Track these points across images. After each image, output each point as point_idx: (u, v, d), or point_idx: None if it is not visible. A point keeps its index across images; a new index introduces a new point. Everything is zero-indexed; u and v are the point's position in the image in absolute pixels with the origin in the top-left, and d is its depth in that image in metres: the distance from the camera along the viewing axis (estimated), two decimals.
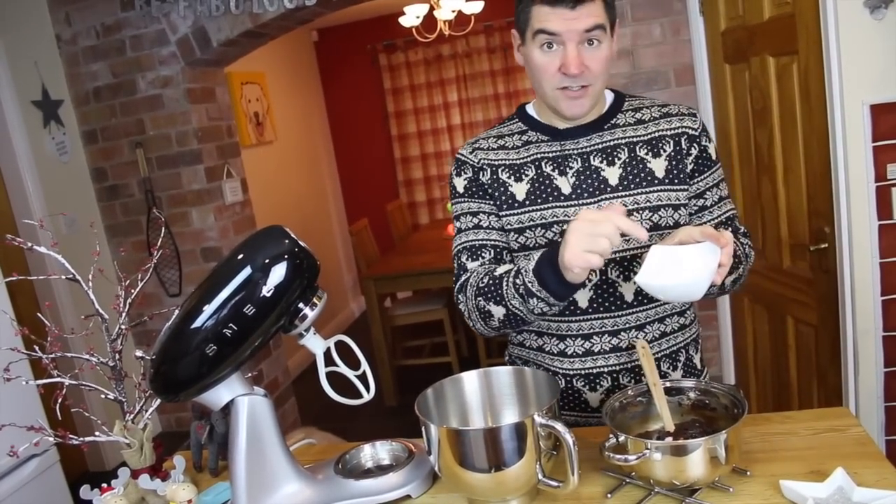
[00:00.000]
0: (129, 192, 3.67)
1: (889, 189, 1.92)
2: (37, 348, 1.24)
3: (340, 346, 1.21)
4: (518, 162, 1.35)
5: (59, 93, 3.58)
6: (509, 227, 1.35)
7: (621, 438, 1.04)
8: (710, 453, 1.00)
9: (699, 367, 1.44)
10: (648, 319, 1.34)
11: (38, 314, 1.41)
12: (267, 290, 1.08)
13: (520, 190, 1.34)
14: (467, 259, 1.35)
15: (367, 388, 1.19)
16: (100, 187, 3.72)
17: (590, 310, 1.33)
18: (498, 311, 1.25)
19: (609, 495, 1.07)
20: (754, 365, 2.71)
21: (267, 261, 1.09)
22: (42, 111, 3.48)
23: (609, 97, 1.38)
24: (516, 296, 1.20)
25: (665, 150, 1.32)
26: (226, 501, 1.21)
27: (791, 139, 2.18)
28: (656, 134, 1.33)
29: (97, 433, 1.25)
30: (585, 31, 1.21)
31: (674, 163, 1.32)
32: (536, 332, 1.40)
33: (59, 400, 1.24)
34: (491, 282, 1.25)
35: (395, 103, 6.16)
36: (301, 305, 1.13)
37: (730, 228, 1.36)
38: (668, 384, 1.17)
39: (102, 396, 1.28)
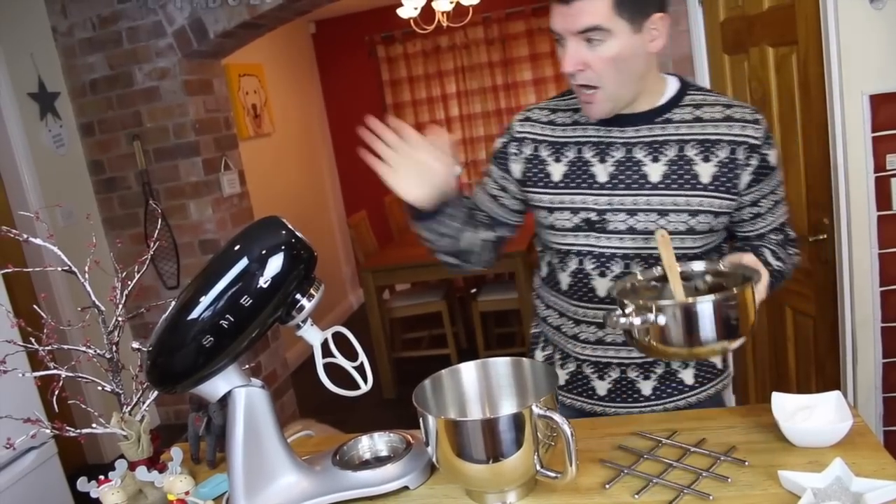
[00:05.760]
0: (126, 185, 3.66)
1: (888, 180, 1.92)
2: (33, 340, 1.24)
3: (338, 337, 1.21)
4: (561, 140, 1.33)
5: (56, 85, 3.57)
6: (541, 204, 1.35)
7: (628, 309, 1.04)
8: (721, 315, 1.01)
9: (718, 365, 1.40)
10: None
11: (35, 306, 1.41)
12: (264, 282, 1.08)
13: (556, 170, 1.32)
14: (471, 207, 1.43)
15: (365, 380, 1.18)
16: (97, 180, 3.71)
17: (607, 300, 1.32)
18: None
19: (607, 486, 1.07)
20: (753, 356, 2.71)
21: (264, 252, 1.08)
22: (38, 103, 3.46)
23: (672, 87, 1.30)
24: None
25: (717, 156, 1.25)
26: (223, 493, 1.21)
27: (790, 130, 2.18)
28: (713, 136, 1.25)
29: (94, 425, 1.25)
30: (579, 31, 1.17)
31: (724, 170, 1.25)
32: (558, 311, 1.41)
33: (56, 392, 1.24)
34: None
35: (393, 95, 6.14)
36: (298, 297, 1.13)
37: (780, 236, 1.36)
38: (681, 269, 1.15)
39: (99, 388, 1.27)
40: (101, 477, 1.18)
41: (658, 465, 1.11)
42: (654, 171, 1.26)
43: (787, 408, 1.15)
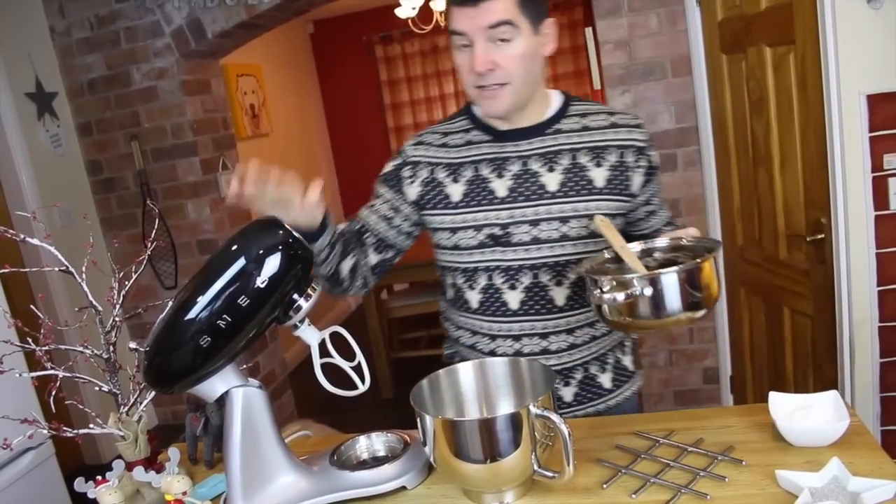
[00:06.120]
0: (124, 185, 3.66)
1: (885, 179, 1.92)
2: (30, 340, 1.23)
3: (336, 337, 1.21)
4: (457, 161, 1.35)
5: (54, 85, 3.56)
6: (443, 226, 1.36)
7: (606, 287, 1.06)
8: (697, 281, 1.05)
9: (630, 368, 1.45)
10: (579, 324, 1.35)
11: (32, 306, 1.41)
12: (261, 282, 1.08)
13: (456, 191, 1.34)
14: (359, 229, 1.41)
15: (363, 380, 1.18)
16: (95, 180, 3.70)
17: (520, 312, 1.34)
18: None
19: (605, 485, 1.07)
20: (750, 356, 2.71)
21: (261, 252, 1.08)
22: (36, 103, 3.46)
23: (557, 101, 1.36)
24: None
25: (608, 161, 1.31)
26: (221, 493, 1.21)
27: (788, 129, 2.18)
28: (601, 143, 1.32)
29: (91, 425, 1.25)
30: (489, 27, 1.20)
31: (616, 173, 1.31)
32: (470, 330, 1.41)
33: (53, 392, 1.24)
34: None
35: (391, 95, 6.14)
36: (295, 297, 1.13)
37: (672, 227, 1.41)
38: (637, 248, 1.19)
39: (97, 389, 1.27)
40: (99, 477, 1.18)
41: (655, 464, 1.11)
42: (551, 181, 1.30)
43: (785, 407, 1.15)
